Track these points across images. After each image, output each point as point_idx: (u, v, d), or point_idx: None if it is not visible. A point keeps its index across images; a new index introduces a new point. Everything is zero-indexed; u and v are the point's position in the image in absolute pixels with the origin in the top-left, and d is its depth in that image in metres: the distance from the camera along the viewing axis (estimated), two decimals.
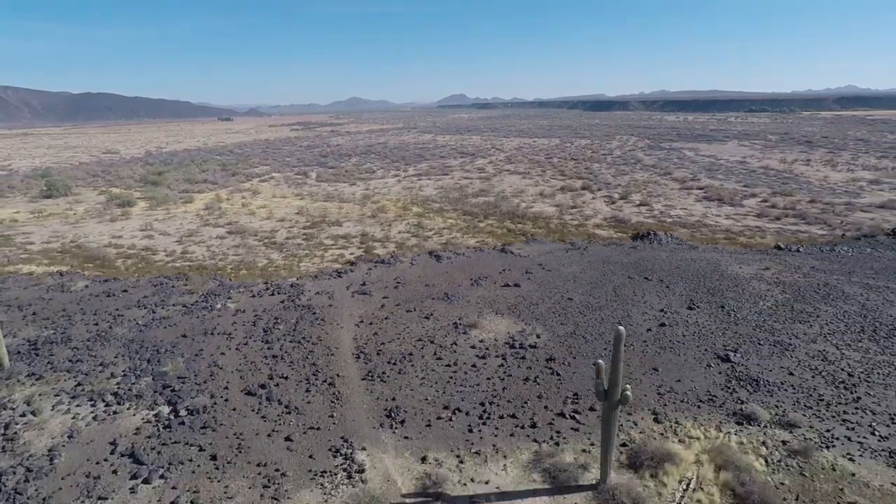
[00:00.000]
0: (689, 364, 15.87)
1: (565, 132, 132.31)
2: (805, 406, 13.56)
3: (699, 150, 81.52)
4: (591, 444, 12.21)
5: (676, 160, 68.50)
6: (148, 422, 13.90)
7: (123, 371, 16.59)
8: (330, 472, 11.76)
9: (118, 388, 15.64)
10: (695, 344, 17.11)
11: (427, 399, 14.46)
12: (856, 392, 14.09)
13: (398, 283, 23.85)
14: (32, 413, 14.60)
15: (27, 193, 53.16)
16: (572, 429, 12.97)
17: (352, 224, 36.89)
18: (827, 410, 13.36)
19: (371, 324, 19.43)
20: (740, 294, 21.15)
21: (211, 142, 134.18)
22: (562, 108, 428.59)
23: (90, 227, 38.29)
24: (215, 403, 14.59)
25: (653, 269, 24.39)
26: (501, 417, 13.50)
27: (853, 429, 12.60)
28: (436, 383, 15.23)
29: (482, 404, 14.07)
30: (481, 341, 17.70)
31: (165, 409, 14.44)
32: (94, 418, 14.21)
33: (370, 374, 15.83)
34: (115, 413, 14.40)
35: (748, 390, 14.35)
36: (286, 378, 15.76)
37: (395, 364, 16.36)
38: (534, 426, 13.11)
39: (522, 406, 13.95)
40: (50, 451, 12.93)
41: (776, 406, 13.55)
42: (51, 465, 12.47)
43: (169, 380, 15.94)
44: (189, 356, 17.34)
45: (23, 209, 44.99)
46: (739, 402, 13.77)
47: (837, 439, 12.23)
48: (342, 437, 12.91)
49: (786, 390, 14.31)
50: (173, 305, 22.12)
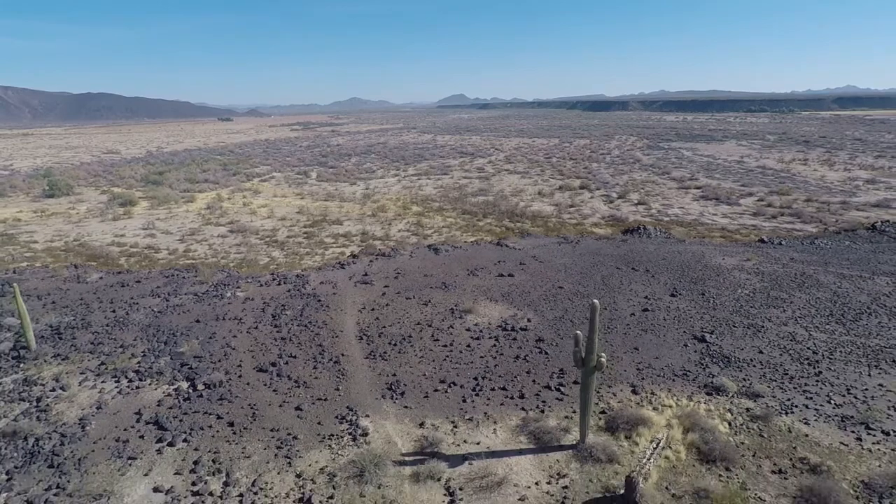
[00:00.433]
0: (667, 344, 17.13)
1: (564, 132, 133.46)
2: (770, 379, 14.83)
3: (697, 149, 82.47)
4: (573, 412, 13.46)
5: (675, 160, 69.36)
6: (169, 395, 15.16)
7: (143, 352, 17.86)
8: (337, 435, 13.03)
9: (139, 366, 16.92)
10: (674, 327, 18.38)
11: (425, 375, 15.73)
12: (818, 367, 15.37)
13: (398, 273, 25.11)
14: (62, 388, 15.88)
15: (29, 193, 53.82)
16: (557, 399, 14.25)
17: (352, 223, 37.68)
18: (790, 383, 14.63)
19: (373, 310, 20.69)
20: (721, 283, 22.42)
21: (211, 142, 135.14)
22: (561, 109, 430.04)
23: (93, 226, 38.94)
24: (230, 379, 15.85)
25: (640, 261, 25.65)
26: (493, 390, 14.78)
27: (811, 398, 13.87)
28: (433, 361, 16.50)
29: (475, 379, 15.35)
30: (476, 325, 18.97)
31: (184, 384, 15.71)
32: (118, 392, 15.48)
33: (372, 354, 17.10)
34: (137, 388, 15.67)
35: (720, 366, 15.62)
36: (294, 357, 17.03)
37: (395, 345, 17.64)
38: (522, 397, 14.38)
39: (512, 380, 15.23)
40: (81, 420, 14.20)
41: (744, 379, 14.82)
42: (83, 431, 13.75)
43: (186, 359, 17.22)
44: (203, 338, 18.60)
45: (26, 208, 45.68)
46: (711, 376, 15.03)
47: (796, 407, 13.50)
48: (347, 407, 14.18)
49: (754, 366, 15.58)
50: (185, 294, 23.38)
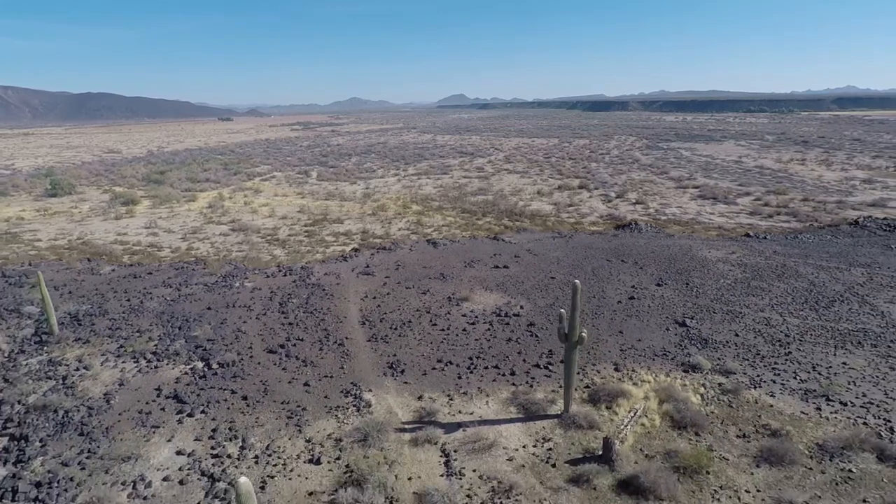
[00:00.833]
0: (650, 328, 18.32)
1: (564, 132, 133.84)
2: (743, 358, 16.02)
3: (696, 149, 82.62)
4: (559, 387, 14.63)
5: (673, 160, 69.65)
6: (185, 373, 16.34)
7: (159, 336, 19.04)
8: (342, 407, 14.22)
9: (156, 348, 18.10)
10: (658, 313, 19.57)
11: (423, 355, 16.92)
12: (788, 348, 16.56)
13: (398, 265, 26.30)
14: (85, 368, 17.06)
15: (32, 192, 53.86)
16: (545, 376, 15.44)
17: (352, 221, 38.02)
18: (761, 362, 15.82)
19: (374, 298, 21.88)
20: (705, 273, 23.61)
21: (212, 141, 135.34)
22: (561, 109, 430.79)
23: (95, 224, 39.13)
24: (242, 359, 17.03)
25: (630, 254, 26.84)
26: (486, 368, 15.97)
27: (779, 374, 15.06)
28: (431, 343, 17.69)
29: (470, 359, 16.54)
30: (472, 311, 20.16)
31: (199, 364, 16.89)
32: (138, 371, 16.66)
33: (374, 337, 18.28)
34: (156, 367, 16.85)
35: (697, 347, 16.81)
36: (301, 340, 18.21)
37: (395, 329, 18.82)
38: (513, 374, 15.57)
39: (504, 360, 16.42)
40: (105, 395, 15.39)
41: (719, 359, 16.00)
42: (108, 404, 14.93)
43: (200, 342, 18.40)
44: (215, 324, 19.79)
45: (28, 207, 45.79)
46: (688, 356, 16.22)
47: (764, 382, 14.69)
48: (352, 383, 15.36)
49: (729, 347, 16.77)
50: (195, 285, 24.55)
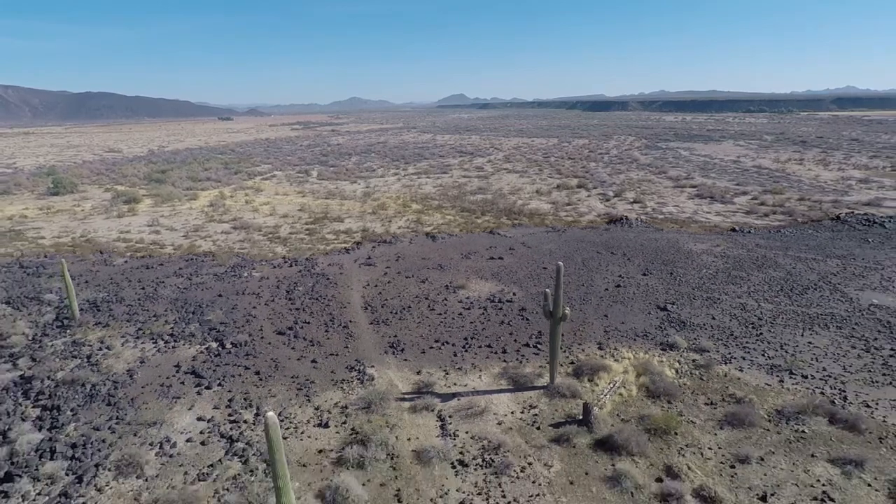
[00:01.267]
0: (633, 312, 19.63)
1: (563, 132, 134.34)
2: (717, 338, 17.33)
3: (695, 149, 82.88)
4: (547, 363, 15.90)
5: (672, 159, 69.99)
6: (201, 352, 17.64)
7: (174, 320, 20.33)
8: (347, 380, 15.52)
9: (172, 330, 19.40)
10: (642, 299, 20.88)
11: (422, 336, 18.22)
12: (760, 329, 17.87)
13: (398, 257, 27.59)
14: (107, 348, 18.36)
15: (34, 191, 54.28)
16: (534, 353, 16.74)
17: (353, 220, 38.50)
18: (734, 341, 17.13)
19: (376, 286, 23.18)
20: (689, 264, 24.92)
21: (212, 141, 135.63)
22: (561, 109, 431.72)
23: (98, 222, 39.49)
24: (253, 340, 18.33)
25: (619, 246, 28.15)
26: (480, 347, 17.27)
27: (749, 352, 16.37)
28: (429, 326, 18.99)
29: (465, 339, 17.84)
30: (467, 297, 21.47)
31: (214, 344, 18.19)
32: (157, 350, 17.96)
33: (376, 320, 19.59)
34: (173, 347, 18.15)
35: (676, 329, 18.11)
36: (308, 323, 19.51)
37: (396, 313, 20.12)
38: (504, 352, 16.87)
39: (497, 340, 17.72)
40: (128, 371, 16.68)
41: (694, 339, 17.30)
42: (131, 379, 16.22)
43: (213, 325, 19.70)
44: (227, 309, 21.09)
45: (31, 206, 46.20)
46: (667, 336, 17.52)
47: (735, 358, 16.00)
48: (356, 360, 16.66)
49: (706, 329, 18.08)
50: (206, 274, 25.85)
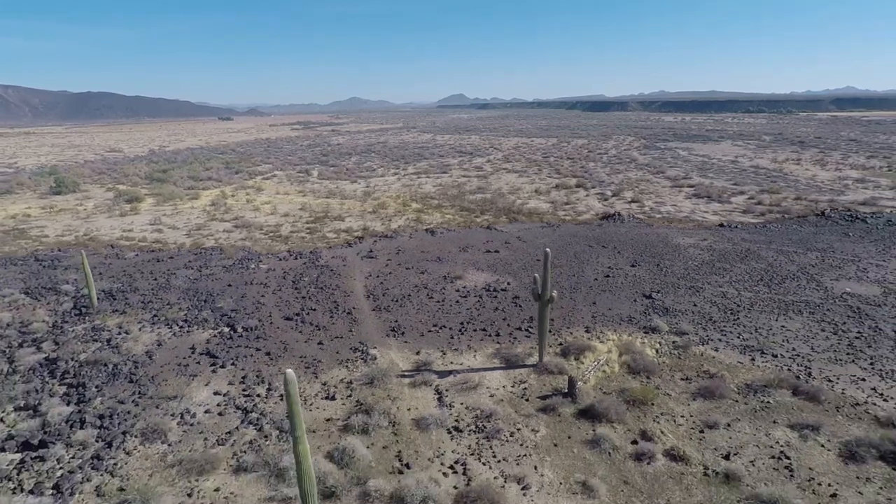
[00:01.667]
0: (620, 300, 20.85)
1: (563, 132, 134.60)
2: (697, 323, 18.55)
3: (693, 149, 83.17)
4: (537, 344, 17.11)
5: (670, 159, 70.35)
6: (215, 336, 18.84)
7: (187, 307, 21.54)
8: (351, 360, 16.73)
9: (186, 317, 20.60)
10: (629, 288, 22.09)
11: (421, 321, 19.44)
12: (737, 315, 19.10)
13: (399, 250, 28.81)
14: (125, 332, 19.56)
15: (36, 190, 54.76)
16: (525, 336, 17.97)
17: (353, 219, 38.83)
18: (712, 325, 18.35)
19: (378, 277, 24.40)
20: (676, 256, 26.13)
21: (213, 141, 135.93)
22: (560, 109, 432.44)
23: (100, 221, 40.01)
24: (263, 325, 19.55)
25: (610, 240, 29.37)
26: (475, 331, 18.50)
27: (725, 335, 17.60)
28: (428, 312, 20.21)
29: (461, 324, 19.06)
30: (464, 287, 22.69)
31: (226, 329, 19.40)
32: (173, 335, 19.16)
33: (378, 307, 20.80)
34: (188, 332, 19.36)
35: (659, 315, 19.32)
36: (314, 309, 20.73)
37: (397, 301, 21.34)
38: (498, 335, 18.09)
39: (491, 324, 18.94)
40: (147, 352, 17.89)
41: (676, 323, 18.52)
42: (150, 360, 17.43)
43: (224, 311, 20.91)
44: (237, 297, 22.30)
45: (34, 205, 46.68)
46: (650, 321, 18.74)
47: (711, 340, 17.22)
48: (359, 342, 17.88)
49: (687, 315, 19.29)
50: (215, 266, 27.05)
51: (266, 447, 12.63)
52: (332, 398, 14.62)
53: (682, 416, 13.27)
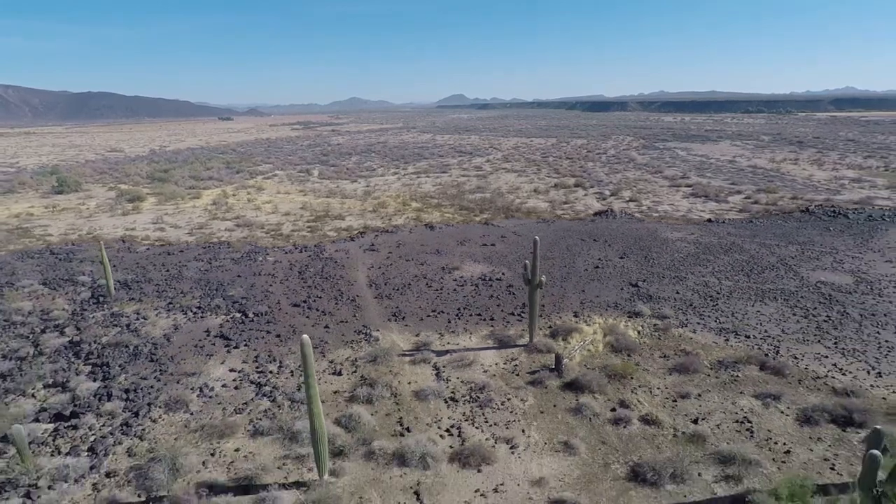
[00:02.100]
0: (608, 288, 22.16)
1: (562, 132, 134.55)
2: (678, 308, 19.86)
3: (692, 149, 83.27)
4: (528, 326, 18.41)
5: (669, 159, 70.58)
6: (227, 321, 20.14)
7: (200, 296, 22.83)
8: (356, 341, 18.04)
9: (199, 304, 21.90)
10: (617, 277, 23.40)
11: (420, 307, 20.74)
12: (716, 301, 20.41)
13: (399, 244, 30.12)
14: (143, 318, 20.86)
15: (38, 189, 55.35)
16: (517, 320, 19.27)
17: (354, 218, 39.19)
18: (692, 310, 19.66)
19: (379, 268, 25.70)
20: (663, 249, 27.44)
21: (213, 141, 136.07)
22: (560, 109, 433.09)
23: (103, 220, 40.52)
24: (272, 311, 20.85)
25: (601, 235, 30.68)
26: (471, 315, 19.80)
27: (703, 318, 18.91)
28: (427, 299, 21.52)
29: (458, 309, 20.37)
30: (461, 277, 24.00)
31: (238, 314, 20.70)
32: (188, 320, 20.45)
33: (380, 295, 22.11)
34: (202, 317, 20.65)
35: (643, 301, 20.62)
36: (320, 297, 22.04)
37: (398, 290, 22.65)
38: (492, 319, 19.40)
39: (486, 310, 20.25)
40: (165, 335, 19.19)
41: (658, 308, 19.82)
42: (168, 342, 18.73)
43: (235, 299, 22.21)
44: (246, 287, 23.60)
45: (37, 204, 47.10)
46: (634, 306, 20.04)
47: (690, 323, 18.53)
48: (363, 325, 19.19)
49: (669, 301, 20.60)
50: (224, 259, 28.34)
51: (280, 415, 13.93)
52: (339, 374, 15.92)
53: (658, 388, 14.58)
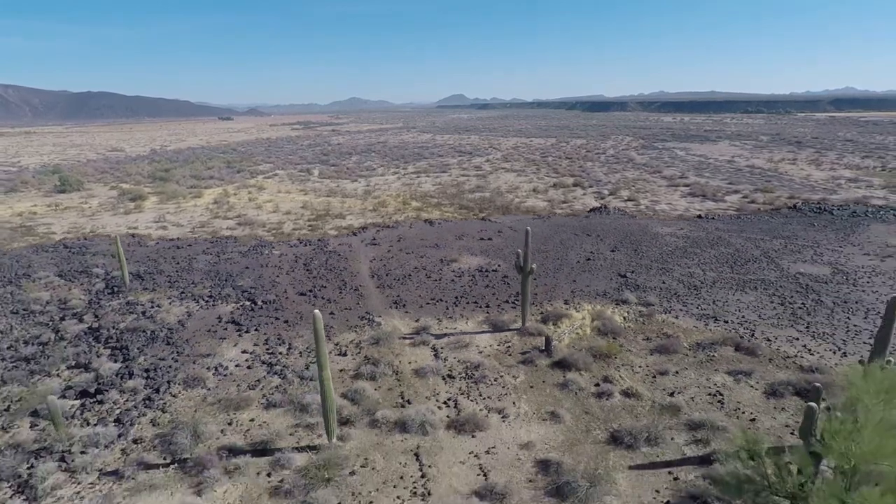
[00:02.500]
0: (598, 279, 23.36)
1: (562, 132, 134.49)
2: (663, 297, 21.06)
3: (691, 149, 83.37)
4: (521, 312, 19.60)
5: (667, 159, 70.74)
6: (238, 308, 21.32)
7: (210, 285, 24.02)
8: (359, 326, 19.23)
9: (210, 293, 23.09)
10: (607, 269, 24.60)
11: (420, 296, 21.93)
12: (700, 290, 21.61)
13: (400, 238, 31.32)
14: (157, 306, 22.04)
15: (41, 188, 55.84)
16: (511, 307, 20.47)
17: (354, 217, 39.45)
18: (676, 299, 20.86)
19: (381, 260, 26.90)
20: (653, 243, 28.64)
21: (213, 140, 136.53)
22: (560, 109, 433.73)
23: (106, 218, 40.97)
24: (280, 299, 22.03)
25: (594, 230, 31.89)
26: (467, 303, 21.00)
27: (686, 305, 20.11)
28: (426, 289, 22.71)
29: (456, 297, 21.56)
30: (459, 268, 25.21)
31: (247, 302, 21.88)
32: (200, 308, 21.64)
33: (382, 285, 23.30)
34: (213, 305, 21.83)
35: (631, 290, 21.82)
36: (324, 287, 23.23)
37: (398, 280, 23.85)
38: (487, 306, 20.60)
39: (482, 298, 21.45)
40: (179, 321, 20.37)
41: (644, 297, 21.01)
42: (183, 327, 19.91)
43: (245, 289, 23.40)
44: (254, 278, 24.78)
45: (40, 203, 47.61)
46: (622, 295, 21.24)
47: (674, 310, 19.73)
48: (366, 312, 20.38)
49: (655, 290, 21.80)
50: (231, 252, 29.52)
51: (290, 389, 15.12)
52: (344, 354, 17.11)
53: (640, 366, 15.77)
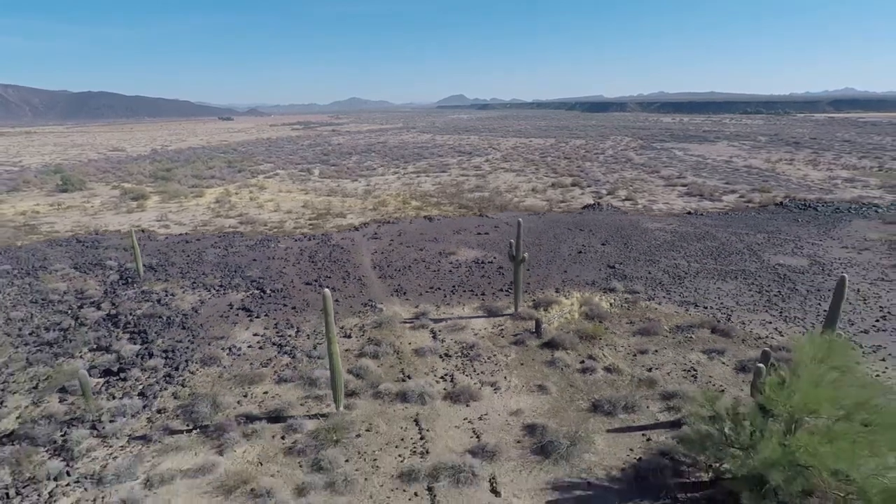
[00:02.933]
0: (588, 269, 24.67)
1: (561, 132, 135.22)
2: (648, 286, 22.36)
3: (689, 150, 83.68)
4: (514, 298, 20.90)
5: (666, 159, 71.04)
6: (248, 296, 22.61)
7: (221, 276, 25.31)
8: (363, 311, 20.53)
9: (221, 283, 24.38)
10: (597, 261, 25.91)
11: (419, 285, 23.23)
12: (683, 280, 22.91)
13: (400, 233, 32.62)
14: (171, 295, 23.33)
15: (43, 188, 56.25)
16: (505, 295, 21.77)
17: (354, 216, 40.02)
18: (660, 287, 22.16)
19: (382, 253, 28.21)
20: (642, 237, 29.95)
21: (214, 140, 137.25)
22: (560, 110, 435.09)
23: (108, 218, 41.43)
24: (287, 288, 23.33)
25: (587, 225, 33.20)
26: (464, 291, 22.30)
27: (669, 293, 21.41)
28: (425, 279, 24.01)
29: (453, 286, 22.86)
30: (457, 260, 26.50)
31: (256, 291, 23.18)
32: (212, 296, 22.92)
33: (383, 276, 24.60)
34: (224, 293, 23.12)
35: (618, 280, 23.12)
36: (329, 277, 24.53)
37: (399, 271, 25.15)
38: (483, 294, 21.90)
39: (478, 287, 22.75)
40: (193, 308, 21.66)
41: (630, 286, 22.32)
42: (197, 313, 21.20)
43: (253, 279, 24.70)
44: (262, 269, 26.08)
45: (42, 202, 48.07)
46: (609, 284, 22.55)
47: (657, 297, 21.03)
48: (368, 300, 21.68)
49: (641, 280, 23.11)
50: (239, 246, 30.81)
51: (300, 367, 16.42)
52: (349, 336, 18.41)
53: (622, 346, 17.07)
